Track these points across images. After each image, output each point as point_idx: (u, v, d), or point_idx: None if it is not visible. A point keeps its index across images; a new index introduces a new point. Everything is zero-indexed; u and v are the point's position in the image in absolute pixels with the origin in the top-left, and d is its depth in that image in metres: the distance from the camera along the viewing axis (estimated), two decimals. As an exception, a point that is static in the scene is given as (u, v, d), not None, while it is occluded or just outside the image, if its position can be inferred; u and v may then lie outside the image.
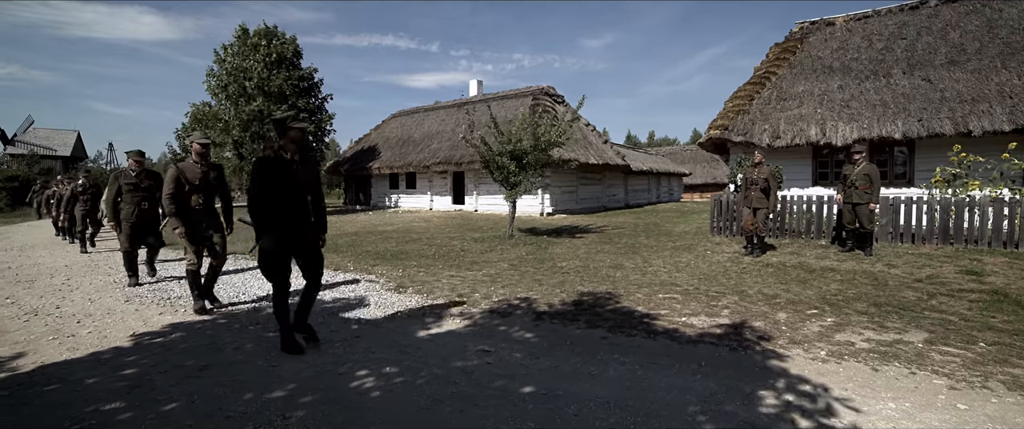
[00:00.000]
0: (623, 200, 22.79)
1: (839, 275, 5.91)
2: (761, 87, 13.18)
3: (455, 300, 5.17)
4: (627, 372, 3.11)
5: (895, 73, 11.59)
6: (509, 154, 9.90)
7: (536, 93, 19.18)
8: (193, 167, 4.68)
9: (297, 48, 20.58)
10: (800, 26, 15.08)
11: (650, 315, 4.36)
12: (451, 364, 3.36)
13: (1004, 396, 2.70)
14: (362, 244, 10.15)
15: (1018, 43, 10.52)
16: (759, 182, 7.37)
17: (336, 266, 7.51)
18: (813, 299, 4.80)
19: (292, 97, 19.35)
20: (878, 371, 3.07)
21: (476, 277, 6.33)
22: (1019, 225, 7.06)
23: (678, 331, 3.89)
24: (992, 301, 4.57)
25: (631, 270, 6.53)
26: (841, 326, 3.94)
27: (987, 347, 3.40)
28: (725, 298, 4.89)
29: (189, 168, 4.66)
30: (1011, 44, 10.59)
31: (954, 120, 9.62)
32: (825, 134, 11.01)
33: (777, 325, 4.00)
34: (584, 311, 4.56)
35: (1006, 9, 11.53)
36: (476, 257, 8.05)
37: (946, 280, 5.47)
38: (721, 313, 4.37)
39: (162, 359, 3.40)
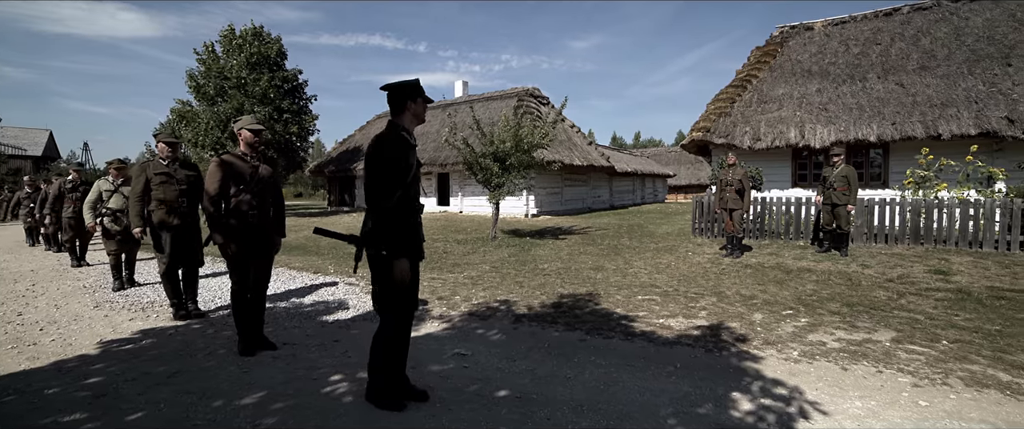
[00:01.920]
0: (608, 201, 22.93)
1: (815, 276, 6.02)
2: (742, 90, 13.39)
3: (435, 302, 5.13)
4: (603, 375, 3.12)
5: (870, 77, 11.88)
6: (492, 156, 9.90)
7: (521, 94, 19.19)
8: (241, 161, 3.55)
9: (281, 49, 20.31)
10: (780, 30, 15.36)
11: (628, 317, 4.38)
12: (427, 368, 3.33)
13: (962, 392, 2.78)
14: (345, 247, 10.04)
15: (983, 50, 10.88)
16: (734, 183, 7.48)
17: (316, 269, 7.41)
18: (789, 300, 4.88)
19: (276, 99, 19.07)
20: (847, 370, 3.13)
21: (457, 279, 6.30)
22: (983, 226, 7.28)
23: (655, 333, 3.92)
24: (956, 300, 4.70)
25: (612, 272, 6.56)
26: (814, 326, 4.01)
27: (949, 345, 3.50)
28: (703, 299, 4.95)
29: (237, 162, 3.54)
30: (976, 51, 10.94)
31: (925, 124, 9.88)
32: (804, 136, 11.22)
33: (753, 326, 4.06)
34: (563, 313, 4.57)
35: (971, 18, 11.93)
36: (458, 259, 8.02)
37: (915, 279, 5.62)
38: (699, 314, 4.41)
39: (130, 367, 3.30)
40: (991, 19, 11.66)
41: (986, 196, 7.87)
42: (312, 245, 10.36)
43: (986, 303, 4.57)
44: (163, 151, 4.59)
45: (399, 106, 2.49)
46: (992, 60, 10.53)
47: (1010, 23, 11.28)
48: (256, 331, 3.72)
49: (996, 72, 10.20)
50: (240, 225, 3.48)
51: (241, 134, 3.63)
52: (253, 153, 3.65)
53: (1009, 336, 3.68)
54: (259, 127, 3.68)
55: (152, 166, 4.56)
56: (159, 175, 4.51)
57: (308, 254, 9.12)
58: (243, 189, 3.48)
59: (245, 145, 3.63)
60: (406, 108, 2.48)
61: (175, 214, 4.45)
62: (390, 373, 2.61)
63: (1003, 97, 9.54)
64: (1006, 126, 9.00)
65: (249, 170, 3.55)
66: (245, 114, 17.94)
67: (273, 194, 3.78)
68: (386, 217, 2.34)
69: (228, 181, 3.43)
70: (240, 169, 3.51)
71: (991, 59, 10.57)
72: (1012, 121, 9.01)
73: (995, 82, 9.99)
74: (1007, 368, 3.10)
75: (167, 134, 4.69)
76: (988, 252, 7.09)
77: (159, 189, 4.47)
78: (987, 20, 11.67)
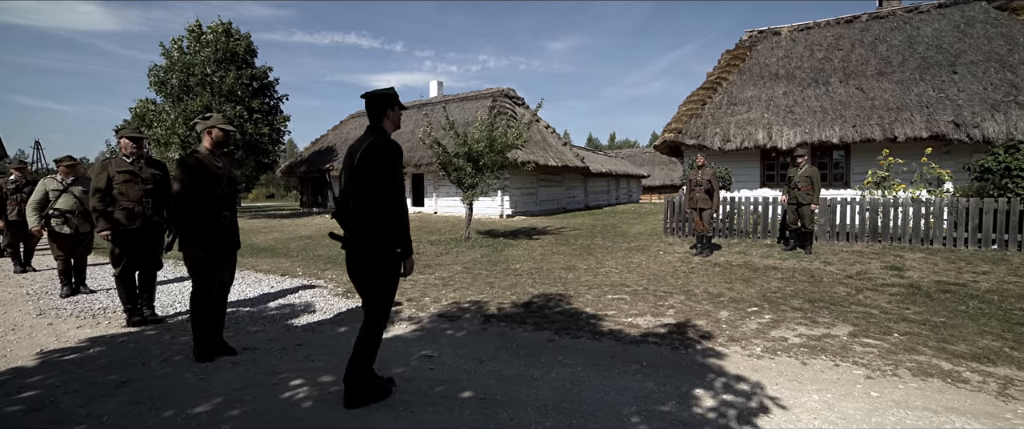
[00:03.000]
0: (583, 202, 23.13)
1: (780, 273, 6.19)
2: (713, 92, 13.70)
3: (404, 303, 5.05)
4: (569, 374, 3.12)
5: (833, 81, 12.33)
6: (466, 156, 9.85)
7: (496, 95, 19.18)
8: (211, 160, 3.39)
9: (251, 45, 19.74)
10: (749, 34, 15.78)
11: (597, 316, 4.40)
12: (392, 370, 3.26)
13: (909, 382, 2.89)
14: (314, 248, 9.81)
15: (932, 58, 11.46)
16: (703, 183, 7.63)
17: (284, 271, 7.21)
18: (754, 297, 5.00)
19: (245, 97, 18.51)
20: (807, 365, 3.21)
21: (428, 280, 6.23)
22: (933, 224, 7.64)
23: (623, 332, 3.94)
24: (908, 294, 4.91)
25: (584, 271, 6.60)
26: (777, 323, 4.11)
27: (900, 337, 3.64)
28: (672, 298, 5.02)
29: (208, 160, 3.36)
30: (927, 59, 11.52)
31: (883, 126, 10.31)
32: (771, 138, 11.55)
33: (718, 323, 4.13)
34: (533, 313, 4.56)
35: (922, 27, 12.57)
36: (430, 260, 7.93)
37: (872, 276, 5.84)
38: (666, 313, 4.47)
39: (73, 377, 3.12)
40: (939, 29, 12.30)
41: (936, 196, 8.26)
42: (281, 247, 10.08)
43: (934, 296, 4.78)
44: (127, 147, 4.36)
45: (379, 113, 2.60)
46: (940, 67, 11.10)
47: (955, 33, 11.93)
48: (215, 336, 3.58)
49: (944, 79, 10.75)
50: (212, 228, 3.34)
51: (211, 132, 3.45)
52: (220, 153, 3.51)
53: (952, 327, 3.86)
54: (230, 128, 3.54)
55: (115, 163, 4.29)
56: (122, 173, 4.23)
57: (276, 256, 8.87)
58: (213, 190, 3.33)
59: (213, 144, 3.46)
60: (386, 115, 2.61)
61: (138, 216, 4.23)
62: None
63: (950, 102, 10.06)
64: (953, 130, 9.49)
65: (218, 170, 3.40)
66: (213, 112, 17.37)
67: (238, 195, 3.67)
68: (394, 218, 2.47)
69: (196, 181, 3.29)
70: (208, 170, 3.34)
71: (939, 66, 11.14)
72: (958, 125, 9.51)
73: (943, 88, 10.52)
74: (949, 357, 3.24)
75: (131, 129, 4.45)
76: (938, 248, 7.44)
77: (122, 188, 4.20)
78: (936, 30, 12.31)
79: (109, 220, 4.16)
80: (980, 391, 2.78)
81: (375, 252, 2.50)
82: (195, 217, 3.24)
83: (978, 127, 9.35)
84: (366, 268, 2.54)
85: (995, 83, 10.13)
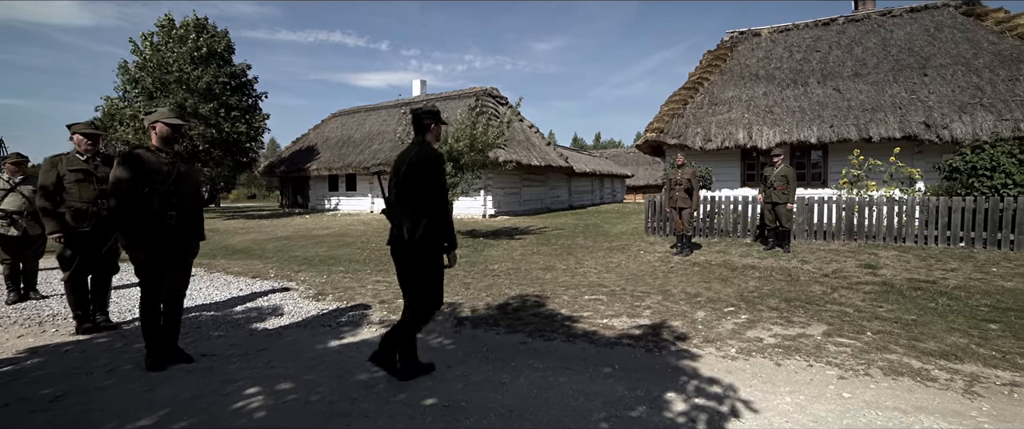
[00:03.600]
0: (567, 201, 23.12)
1: (758, 272, 6.19)
2: (694, 92, 13.78)
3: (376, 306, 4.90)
4: (538, 379, 3.02)
5: (811, 82, 12.49)
6: (446, 155, 9.70)
7: (479, 94, 19.04)
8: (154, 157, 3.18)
9: (229, 43, 19.27)
10: (730, 35, 15.92)
11: (573, 318, 4.31)
12: (354, 377, 3.12)
13: (880, 382, 2.86)
14: (291, 249, 9.56)
15: (905, 61, 11.71)
16: (682, 183, 7.62)
17: (255, 273, 6.98)
18: (731, 297, 4.97)
19: (222, 95, 18.04)
20: (781, 365, 3.17)
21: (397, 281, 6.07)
22: (905, 222, 7.76)
23: (597, 333, 3.86)
24: (881, 292, 4.93)
25: (562, 272, 6.52)
26: (753, 323, 4.07)
27: (873, 336, 3.63)
28: (649, 298, 4.96)
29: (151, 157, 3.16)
30: (900, 61, 11.76)
31: (858, 127, 10.46)
32: (751, 137, 11.64)
33: (694, 324, 4.07)
34: (507, 315, 4.45)
35: (895, 31, 12.84)
36: (409, 261, 7.78)
37: (848, 274, 5.87)
38: (643, 314, 4.40)
39: (2, 391, 2.91)
40: (911, 33, 12.58)
41: (908, 194, 8.40)
42: (256, 249, 9.80)
43: (906, 294, 4.81)
44: (81, 144, 4.10)
45: (424, 127, 2.94)
46: (912, 70, 11.34)
47: (925, 37, 12.22)
48: (169, 343, 3.39)
49: (915, 81, 10.98)
50: (153, 228, 3.14)
51: (155, 128, 3.23)
52: (168, 149, 3.29)
53: (922, 325, 3.86)
54: (178, 122, 3.30)
55: (66, 161, 4.03)
56: (75, 172, 3.97)
57: (251, 258, 8.61)
58: (157, 188, 3.12)
59: (160, 140, 3.25)
60: (429, 129, 2.96)
61: (91, 216, 3.99)
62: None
63: (921, 104, 10.27)
64: (924, 130, 9.67)
65: (164, 167, 3.19)
66: (188, 110, 16.88)
67: (193, 194, 3.47)
68: (439, 216, 2.79)
69: (137, 179, 3.09)
70: (153, 166, 3.13)
71: (911, 69, 11.37)
72: (928, 126, 9.70)
73: (915, 90, 10.73)
74: (918, 355, 3.23)
75: (85, 124, 4.20)
76: (910, 246, 7.54)
77: (74, 188, 3.96)
78: (908, 33, 12.59)
79: (58, 221, 3.92)
80: (948, 389, 2.76)
81: (421, 247, 2.77)
82: (129, 216, 3.04)
83: (947, 128, 9.54)
84: (412, 261, 2.81)
85: (962, 86, 10.37)
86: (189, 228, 3.40)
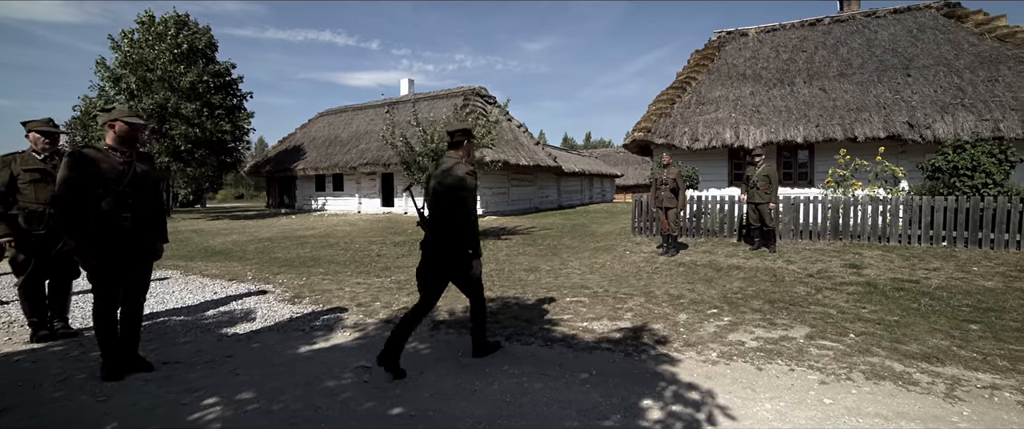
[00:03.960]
0: (556, 201, 23.06)
1: (743, 273, 6.14)
2: (682, 92, 13.77)
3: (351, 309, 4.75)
4: (513, 386, 2.91)
5: (797, 82, 12.53)
6: (430, 154, 9.57)
7: (467, 94, 18.90)
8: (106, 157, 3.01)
9: (212, 40, 18.91)
10: (718, 35, 15.96)
11: (553, 320, 4.22)
12: (321, 384, 3.00)
13: (862, 386, 2.79)
14: (272, 251, 9.36)
15: (889, 61, 11.80)
16: (668, 182, 7.56)
17: (233, 276, 6.79)
18: (715, 298, 4.90)
19: (206, 94, 17.68)
20: (762, 370, 3.09)
21: (383, 284, 5.94)
22: (889, 221, 7.78)
23: (576, 337, 3.76)
24: (865, 292, 4.90)
25: (546, 273, 6.42)
26: (735, 325, 4.00)
27: (855, 338, 3.57)
28: (632, 300, 4.87)
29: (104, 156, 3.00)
30: (884, 61, 11.85)
31: (843, 126, 10.51)
32: (738, 137, 11.64)
33: (676, 327, 3.99)
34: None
35: (879, 31, 12.95)
36: (390, 262, 7.62)
37: (832, 274, 5.84)
38: (624, 316, 4.31)
39: (-53, 402, 2.74)
40: (895, 33, 12.69)
41: (893, 194, 8.43)
42: (237, 250, 9.58)
43: (889, 294, 4.78)
44: (38, 143, 3.89)
45: (459, 142, 3.24)
46: (896, 70, 11.42)
47: (908, 37, 12.33)
48: (128, 351, 3.22)
49: (899, 81, 11.06)
50: (106, 232, 2.98)
51: (114, 126, 3.07)
52: (127, 149, 3.12)
53: (904, 326, 3.82)
54: (139, 121, 3.14)
55: (21, 160, 3.82)
56: (30, 172, 3.76)
57: (230, 259, 8.39)
58: (110, 189, 2.96)
59: (116, 139, 3.08)
60: (462, 145, 3.25)
61: (47, 219, 3.79)
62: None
63: (904, 104, 10.33)
64: (907, 130, 9.73)
65: (119, 168, 3.02)
66: (170, 109, 16.53)
67: (153, 195, 3.30)
68: (467, 227, 3.04)
69: (86, 181, 2.92)
70: (105, 167, 2.97)
71: (895, 69, 11.46)
72: (912, 126, 9.76)
73: (899, 90, 10.81)
74: (901, 358, 3.18)
75: (42, 121, 3.99)
76: (894, 246, 7.56)
77: (28, 189, 3.76)
78: (892, 34, 12.70)
79: (9, 224, 3.73)
80: (929, 393, 2.70)
81: (451, 252, 3.05)
82: (76, 218, 2.87)
83: (929, 128, 9.61)
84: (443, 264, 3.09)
85: (944, 86, 10.46)
86: (149, 231, 3.24)
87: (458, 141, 3.23)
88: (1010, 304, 4.34)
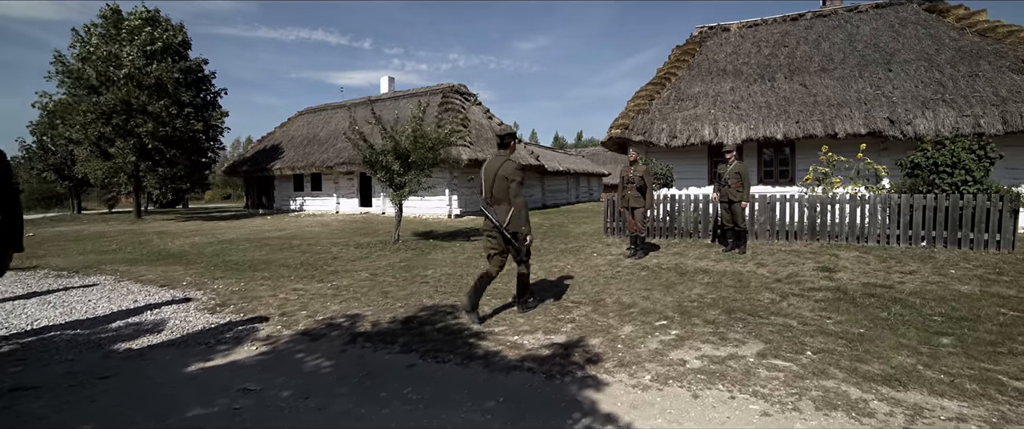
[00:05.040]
0: (540, 200, 22.64)
1: (708, 277, 5.73)
2: (661, 88, 13.38)
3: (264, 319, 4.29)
4: (405, 413, 2.48)
5: (778, 77, 12.18)
6: (393, 152, 9.12)
7: (446, 91, 18.43)
8: None
9: (185, 37, 18.29)
10: (700, 30, 15.59)
11: (482, 333, 3.78)
12: (189, 411, 2.56)
13: (809, 419, 2.37)
14: (228, 253, 8.86)
15: (870, 56, 11.48)
16: (635, 181, 7.13)
17: (167, 282, 6.30)
18: (669, 307, 4.47)
19: (175, 91, 17.04)
20: (697, 397, 2.67)
21: (320, 290, 5.48)
22: (868, 221, 7.42)
23: (500, 354, 3.33)
24: (834, 300, 4.50)
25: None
26: (682, 340, 3.57)
27: (812, 356, 3.16)
28: (578, 309, 4.44)
29: None
30: (866, 56, 11.53)
31: (824, 123, 10.16)
32: (717, 134, 11.27)
33: (615, 342, 3.56)
34: (411, 330, 3.90)
35: (861, 26, 12.64)
36: (343, 266, 7.16)
37: (802, 278, 5.45)
38: (563, 329, 3.88)
39: None
40: (876, 28, 12.38)
41: (875, 192, 8.07)
42: (192, 253, 9.06)
43: (858, 302, 4.38)
44: None
45: (507, 143, 4.17)
46: (877, 65, 11.11)
47: (890, 33, 12.03)
48: None
49: (880, 76, 10.74)
50: None
51: None
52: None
53: (869, 340, 3.40)
54: None
55: None
56: None
57: (177, 263, 7.87)
58: None
59: None
60: (509, 145, 4.17)
61: None
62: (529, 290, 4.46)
63: (885, 99, 10.01)
64: (888, 126, 9.40)
65: None
66: (135, 106, 15.90)
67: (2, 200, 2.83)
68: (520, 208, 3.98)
69: None
70: None
71: (876, 64, 11.14)
72: (893, 122, 9.43)
73: (880, 85, 10.48)
74: (859, 381, 2.76)
75: None
76: (872, 246, 7.21)
77: None
78: (873, 29, 12.39)
79: None
80: (885, 427, 2.29)
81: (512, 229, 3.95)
82: None
83: (910, 124, 9.29)
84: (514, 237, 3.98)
85: (925, 81, 10.15)
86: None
87: (507, 143, 4.16)
88: (985, 312, 3.96)
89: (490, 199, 4.02)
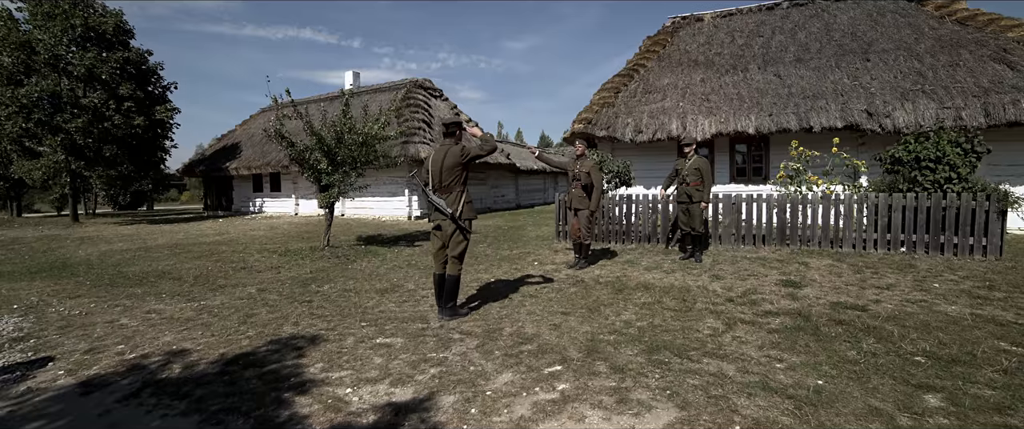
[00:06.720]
0: (514, 201, 21.64)
1: (647, 296, 4.73)
2: (629, 80, 12.47)
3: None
4: None
5: (751, 68, 11.34)
6: (319, 150, 8.10)
7: (410, 86, 17.37)
8: None
9: (120, 23, 16.92)
10: (672, 21, 14.74)
11: (311, 381, 2.78)
12: None
13: None
14: (131, 263, 7.78)
15: (848, 46, 10.70)
16: (581, 177, 6.13)
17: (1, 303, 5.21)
18: (577, 343, 3.45)
19: (110, 82, 15.73)
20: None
21: (178, 313, 4.44)
22: (843, 223, 6.55)
23: (304, 422, 2.32)
24: (792, 329, 3.54)
25: (399, 296, 4.96)
26: (565, 401, 2.54)
27: (738, 435, 2.19)
28: (462, 343, 3.45)
29: None
30: (843, 46, 10.74)
31: (798, 115, 9.32)
32: (685, 128, 10.38)
33: (472, 403, 2.54)
34: (226, 375, 2.89)
35: (839, 15, 11.88)
36: (241, 279, 6.13)
37: (760, 297, 4.51)
38: (421, 376, 2.88)
39: None
40: (854, 17, 11.64)
41: (853, 189, 7.20)
42: (94, 262, 7.95)
43: (822, 333, 3.44)
44: None
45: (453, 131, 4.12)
46: (854, 55, 10.34)
47: (868, 21, 11.30)
48: None
49: (858, 66, 9.97)
50: None
51: None
52: None
53: (828, 401, 2.44)
54: None
55: None
56: None
57: (48, 278, 6.76)
58: None
59: None
60: (455, 133, 4.11)
61: None
62: None
63: (863, 90, 9.22)
64: (866, 119, 8.59)
65: None
66: (65, 99, 14.62)
67: None
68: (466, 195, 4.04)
69: None
70: None
71: (854, 54, 10.38)
72: (871, 114, 8.61)
73: (857, 76, 9.70)
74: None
75: None
76: (847, 252, 6.33)
77: None
78: (851, 18, 11.65)
79: None
80: None
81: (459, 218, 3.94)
82: None
83: (889, 116, 8.47)
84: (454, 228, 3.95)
85: (904, 71, 9.37)
86: None
87: (452, 132, 4.09)
88: (981, 350, 3.03)
89: (438, 188, 3.91)
